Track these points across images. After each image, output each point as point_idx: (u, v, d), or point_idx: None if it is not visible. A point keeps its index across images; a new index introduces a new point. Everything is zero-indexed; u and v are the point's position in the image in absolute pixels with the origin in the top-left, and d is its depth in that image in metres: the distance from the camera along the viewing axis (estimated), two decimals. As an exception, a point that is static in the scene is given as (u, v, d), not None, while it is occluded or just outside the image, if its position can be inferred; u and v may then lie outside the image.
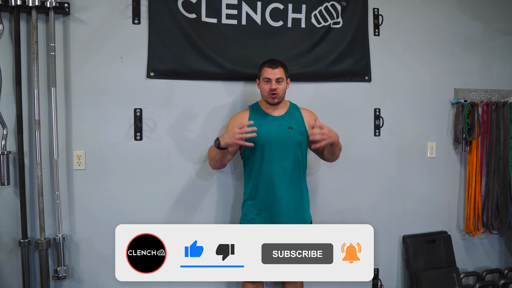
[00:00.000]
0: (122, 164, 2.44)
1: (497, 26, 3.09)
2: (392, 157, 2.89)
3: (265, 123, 2.23)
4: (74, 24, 2.36)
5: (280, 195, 2.19)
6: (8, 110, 2.28)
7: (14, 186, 2.31)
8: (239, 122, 2.17)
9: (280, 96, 2.22)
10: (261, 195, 2.22)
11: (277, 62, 2.23)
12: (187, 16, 2.47)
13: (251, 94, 2.60)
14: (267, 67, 2.21)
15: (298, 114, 2.32)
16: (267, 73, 2.20)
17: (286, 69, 2.26)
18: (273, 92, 2.19)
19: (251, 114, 2.29)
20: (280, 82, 2.21)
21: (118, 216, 2.44)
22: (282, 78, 2.21)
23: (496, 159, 2.99)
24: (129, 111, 2.44)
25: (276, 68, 2.20)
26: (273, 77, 2.19)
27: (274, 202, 2.20)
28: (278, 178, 2.19)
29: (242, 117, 2.29)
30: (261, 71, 2.25)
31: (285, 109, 2.30)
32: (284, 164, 2.20)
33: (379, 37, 2.82)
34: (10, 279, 2.33)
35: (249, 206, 2.26)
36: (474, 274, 3.05)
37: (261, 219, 2.23)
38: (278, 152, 2.19)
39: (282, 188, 2.20)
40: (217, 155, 2.16)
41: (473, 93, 3.03)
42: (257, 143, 2.18)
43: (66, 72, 2.36)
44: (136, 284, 2.47)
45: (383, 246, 2.90)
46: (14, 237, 2.32)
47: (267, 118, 2.25)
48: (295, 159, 2.23)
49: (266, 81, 2.21)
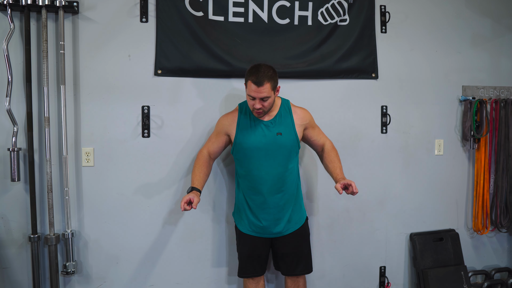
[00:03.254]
0: (130, 161, 2.47)
1: (506, 23, 3.06)
2: (399, 155, 2.87)
3: (253, 129, 2.21)
4: (83, 23, 2.39)
5: (269, 200, 2.22)
6: (18, 107, 2.31)
7: (24, 182, 2.34)
8: (224, 127, 2.28)
9: (265, 111, 2.17)
10: (250, 198, 2.26)
11: (264, 76, 2.03)
12: (194, 14, 2.48)
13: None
14: (252, 83, 2.05)
15: (289, 116, 2.26)
16: (251, 91, 2.07)
17: (274, 80, 2.10)
18: (258, 111, 2.14)
19: (240, 116, 2.26)
20: (266, 100, 2.09)
21: (126, 213, 2.47)
22: (268, 96, 2.07)
23: (505, 156, 2.97)
24: (137, 108, 2.47)
25: (261, 86, 2.03)
26: (258, 96, 2.06)
27: (263, 208, 2.23)
28: (266, 183, 2.20)
29: (230, 121, 2.28)
30: (246, 82, 2.11)
31: (275, 112, 2.24)
32: (272, 171, 2.20)
33: (386, 34, 2.82)
34: (20, 273, 2.37)
35: (240, 207, 2.33)
36: (483, 273, 3.03)
37: (251, 224, 2.28)
38: (266, 160, 2.19)
39: (270, 192, 2.21)
40: None
41: (481, 90, 3.01)
42: (245, 150, 2.20)
43: (75, 69, 2.39)
44: (143, 278, 2.51)
45: (390, 243, 2.89)
46: (24, 233, 2.36)
47: (255, 122, 2.22)
48: (284, 165, 2.22)
49: (251, 98, 2.10)
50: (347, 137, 2.76)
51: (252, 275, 2.33)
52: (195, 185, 2.19)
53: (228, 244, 2.62)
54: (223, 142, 2.31)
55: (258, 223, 2.25)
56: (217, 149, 2.32)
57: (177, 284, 2.57)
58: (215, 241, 2.60)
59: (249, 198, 2.26)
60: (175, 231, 2.54)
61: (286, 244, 2.31)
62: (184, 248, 2.56)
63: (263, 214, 2.24)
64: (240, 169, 2.28)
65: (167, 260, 2.55)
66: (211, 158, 2.32)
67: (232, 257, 2.62)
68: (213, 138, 2.33)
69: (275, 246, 2.34)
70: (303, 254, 2.35)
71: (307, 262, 2.37)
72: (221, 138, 2.30)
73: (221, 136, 2.30)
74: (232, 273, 2.63)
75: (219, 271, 2.63)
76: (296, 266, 2.33)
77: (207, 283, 2.61)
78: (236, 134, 2.24)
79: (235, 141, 2.24)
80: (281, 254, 2.34)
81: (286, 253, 2.32)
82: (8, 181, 2.32)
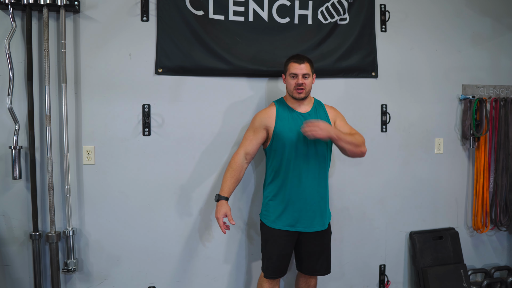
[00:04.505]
0: (131, 159, 2.48)
1: (506, 22, 3.07)
2: (399, 153, 2.88)
3: (292, 119, 2.24)
4: (84, 22, 2.40)
5: (306, 191, 2.22)
6: (20, 105, 2.33)
7: (26, 180, 2.35)
8: (263, 120, 2.25)
9: (306, 91, 2.23)
10: (286, 191, 2.23)
11: (304, 57, 2.24)
12: (195, 13, 2.49)
13: (259, 90, 2.62)
14: (294, 62, 2.22)
15: (323, 111, 2.33)
16: (293, 68, 2.21)
17: (312, 64, 2.27)
18: (300, 87, 2.20)
19: (278, 109, 2.29)
20: (307, 77, 2.22)
21: (127, 211, 2.48)
22: (308, 73, 2.22)
23: (505, 155, 2.98)
24: (138, 107, 2.48)
25: (303, 63, 2.20)
26: (300, 72, 2.19)
27: (299, 198, 2.22)
28: (305, 175, 2.21)
29: (269, 114, 2.28)
30: (287, 66, 2.25)
31: (310, 106, 2.31)
32: (310, 160, 2.21)
33: (386, 33, 2.82)
34: (21, 271, 2.38)
35: (272, 204, 2.27)
36: (482, 271, 3.04)
37: (285, 218, 2.23)
38: (305, 149, 2.20)
39: (308, 184, 2.21)
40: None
41: (481, 89, 3.02)
42: (285, 139, 2.20)
43: (76, 68, 2.40)
44: (144, 276, 2.52)
45: (390, 242, 2.90)
46: (25, 230, 2.37)
47: (294, 114, 2.26)
48: (322, 156, 2.24)
49: (293, 76, 2.22)
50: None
51: (280, 275, 2.31)
52: (224, 193, 2.20)
53: (229, 241, 2.63)
54: (262, 138, 2.27)
55: (294, 214, 2.22)
56: (255, 147, 2.27)
57: (178, 282, 2.58)
58: (217, 239, 2.61)
59: (286, 189, 2.22)
60: (176, 228, 2.56)
61: (313, 241, 2.28)
62: (185, 246, 2.57)
63: (299, 203, 2.21)
64: (276, 163, 2.25)
65: (168, 258, 2.56)
66: (247, 161, 2.28)
67: (234, 254, 2.64)
68: (251, 136, 2.28)
69: (302, 243, 2.30)
70: (327, 253, 2.35)
71: (329, 262, 2.37)
72: (260, 134, 2.26)
73: (260, 131, 2.26)
74: (234, 271, 2.65)
75: (221, 269, 2.64)
76: (321, 265, 2.32)
77: (208, 281, 2.62)
78: (276, 124, 2.23)
79: (275, 131, 2.23)
80: (307, 252, 2.31)
81: (313, 251, 2.30)
82: (9, 179, 2.33)
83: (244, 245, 2.67)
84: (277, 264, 2.28)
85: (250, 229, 2.66)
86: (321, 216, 2.27)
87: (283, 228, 2.24)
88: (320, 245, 2.32)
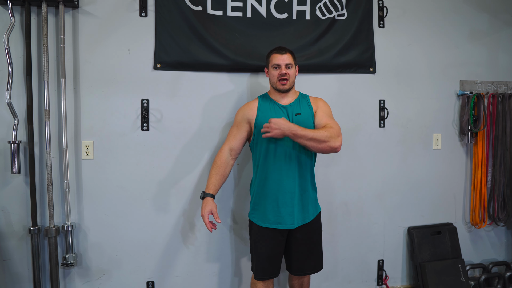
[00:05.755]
0: (129, 154, 2.49)
1: (504, 18, 3.08)
2: (397, 149, 2.89)
3: (274, 111, 2.22)
4: (82, 17, 2.41)
5: (287, 186, 2.15)
6: (19, 100, 2.34)
7: (25, 175, 2.36)
8: (245, 114, 2.24)
9: (290, 81, 2.21)
10: (269, 187, 2.17)
11: (285, 48, 2.24)
12: (193, 9, 2.50)
13: (256, 85, 2.63)
14: (276, 53, 2.22)
15: (306, 102, 2.27)
16: (275, 59, 2.20)
17: (294, 56, 2.26)
18: (283, 78, 2.18)
19: (260, 102, 2.28)
20: (290, 68, 2.20)
21: (126, 205, 2.49)
22: (291, 63, 2.21)
23: (503, 150, 2.98)
24: (136, 102, 2.48)
25: (285, 54, 2.20)
26: (282, 62, 2.19)
27: (281, 193, 2.15)
28: (285, 168, 2.15)
29: (250, 107, 2.28)
30: (269, 58, 2.25)
31: (294, 98, 2.27)
32: (292, 153, 2.15)
33: (384, 29, 2.83)
34: (20, 265, 2.39)
35: (258, 201, 2.22)
36: (480, 266, 3.05)
37: (270, 215, 2.17)
38: (286, 142, 2.14)
39: (289, 178, 2.15)
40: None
41: (479, 84, 3.02)
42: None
43: (75, 63, 2.41)
44: (143, 270, 2.52)
45: (388, 237, 2.91)
46: (24, 225, 2.38)
47: (275, 105, 2.24)
48: (303, 148, 2.15)
49: (275, 67, 2.20)
50: (345, 131, 2.76)
51: (271, 277, 2.23)
52: (209, 190, 2.16)
53: (228, 237, 2.64)
54: (246, 131, 2.25)
55: (277, 210, 2.15)
56: (239, 142, 2.25)
57: (176, 277, 2.58)
58: (215, 234, 2.61)
59: (268, 185, 2.17)
60: (174, 223, 2.56)
61: (300, 239, 2.22)
62: (184, 241, 2.58)
63: (282, 199, 2.15)
64: (258, 157, 2.21)
65: (167, 253, 2.56)
66: (232, 157, 2.25)
67: (233, 250, 2.64)
68: (234, 131, 2.27)
69: (290, 242, 2.23)
70: (317, 252, 2.28)
71: (319, 260, 2.30)
72: (243, 127, 2.25)
73: (243, 125, 2.25)
74: (233, 266, 2.65)
75: (220, 264, 2.64)
76: (309, 264, 2.26)
77: (206, 276, 2.63)
78: (257, 116, 2.22)
79: (256, 123, 2.20)
80: (295, 251, 2.24)
81: (300, 250, 2.23)
82: (8, 173, 2.34)
83: (244, 242, 2.67)
84: (266, 265, 2.21)
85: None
86: (302, 211, 2.19)
87: (270, 226, 2.18)
88: (308, 244, 2.24)
